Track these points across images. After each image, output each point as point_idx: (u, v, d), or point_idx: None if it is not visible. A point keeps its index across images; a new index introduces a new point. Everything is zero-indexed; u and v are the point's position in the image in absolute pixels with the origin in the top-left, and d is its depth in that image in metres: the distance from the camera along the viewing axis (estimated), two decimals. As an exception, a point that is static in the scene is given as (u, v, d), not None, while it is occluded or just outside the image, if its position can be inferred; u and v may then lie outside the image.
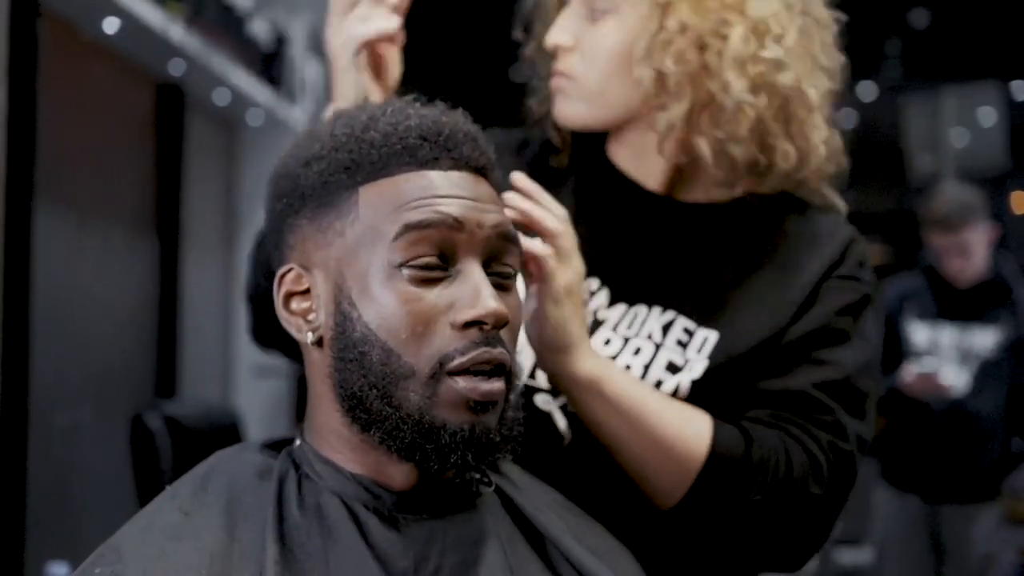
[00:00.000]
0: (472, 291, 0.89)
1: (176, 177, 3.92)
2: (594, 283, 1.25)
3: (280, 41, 4.30)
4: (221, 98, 4.10)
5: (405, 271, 0.89)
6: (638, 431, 1.11)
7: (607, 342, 1.22)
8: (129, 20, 3.09)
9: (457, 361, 0.87)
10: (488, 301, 0.88)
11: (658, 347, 1.21)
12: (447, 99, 1.01)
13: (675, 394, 1.18)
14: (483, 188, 0.94)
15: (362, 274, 0.90)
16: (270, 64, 4.26)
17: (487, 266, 0.92)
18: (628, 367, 1.20)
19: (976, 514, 3.34)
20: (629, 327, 1.23)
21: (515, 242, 0.94)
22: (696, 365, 1.19)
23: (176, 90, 3.85)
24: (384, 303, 0.88)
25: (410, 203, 0.90)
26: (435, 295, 0.89)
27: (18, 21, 2.43)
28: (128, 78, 3.62)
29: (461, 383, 0.87)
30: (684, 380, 1.19)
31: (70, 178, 3.20)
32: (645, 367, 1.20)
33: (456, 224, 0.90)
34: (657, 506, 1.15)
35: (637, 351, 1.21)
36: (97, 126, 3.41)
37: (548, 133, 1.34)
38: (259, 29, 4.15)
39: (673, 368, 1.20)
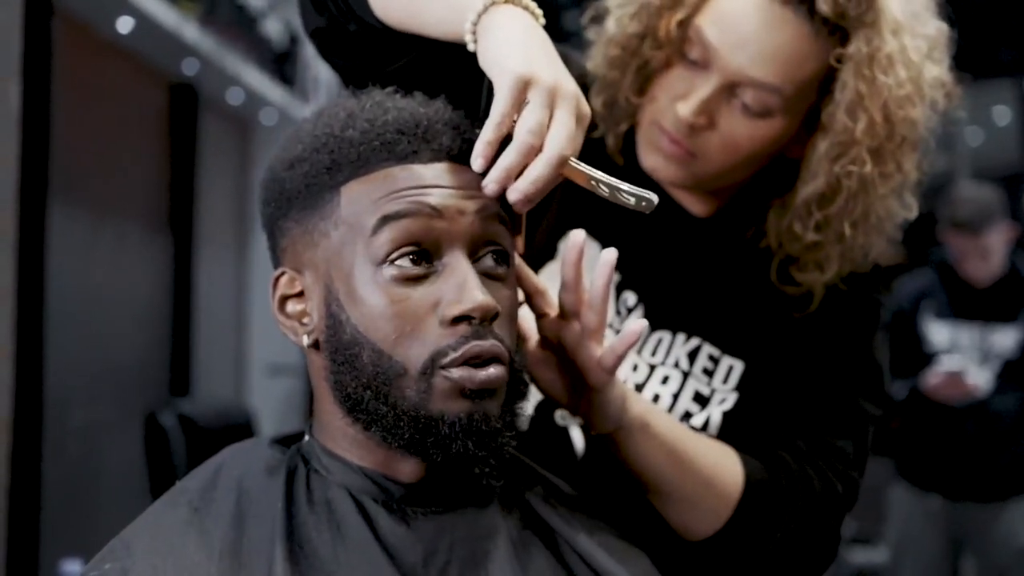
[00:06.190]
0: (458, 285, 0.87)
1: (190, 176, 3.93)
2: (631, 298, 1.23)
3: (294, 40, 4.31)
4: (235, 97, 4.11)
5: (388, 270, 0.88)
6: (683, 468, 1.10)
7: (634, 368, 1.21)
8: (143, 19, 3.11)
9: (450, 357, 0.86)
10: (474, 294, 0.86)
11: (686, 376, 1.21)
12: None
13: (706, 427, 1.19)
14: (467, 176, 0.91)
15: (347, 275, 0.89)
16: (283, 63, 4.27)
17: (475, 255, 0.91)
18: (657, 396, 1.20)
19: (999, 511, 3.33)
20: (653, 354, 1.22)
21: (503, 222, 0.93)
22: (724, 396, 1.20)
23: (190, 89, 3.86)
24: (370, 304, 0.88)
25: (388, 196, 0.89)
26: (421, 293, 0.88)
27: (32, 20, 2.44)
28: (142, 77, 3.64)
29: (456, 373, 0.87)
30: (715, 412, 1.20)
31: (84, 177, 3.21)
32: (674, 396, 1.20)
33: (435, 212, 0.88)
34: (686, 538, 1.15)
35: (665, 379, 1.21)
36: (111, 125, 3.42)
37: (606, 135, 1.25)
38: (272, 28, 4.16)
39: (699, 398, 1.20)
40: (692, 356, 1.22)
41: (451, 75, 1.05)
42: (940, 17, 1.19)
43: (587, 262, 1.02)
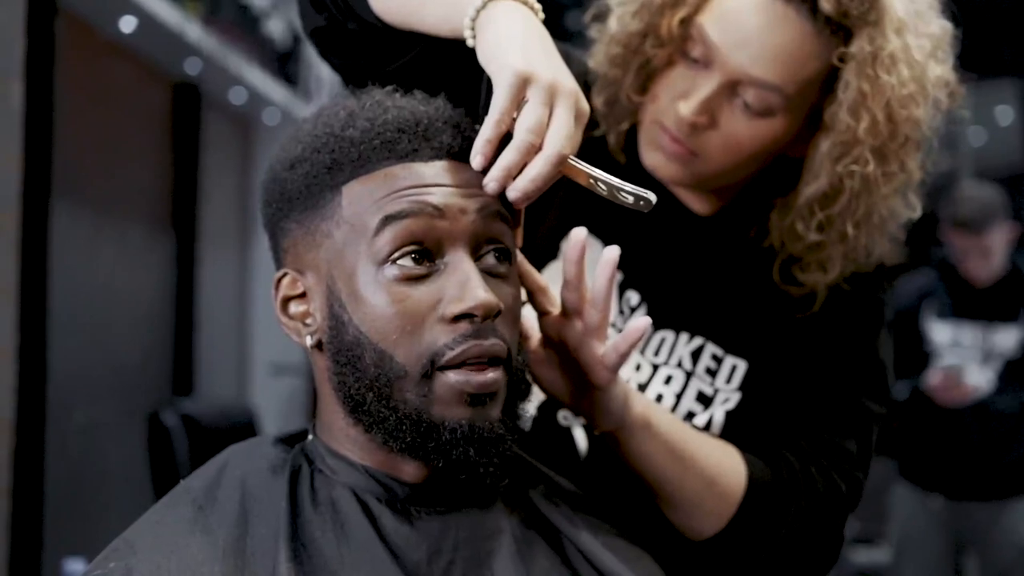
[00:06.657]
0: (460, 283, 0.87)
1: (192, 176, 3.94)
2: (634, 297, 1.23)
3: (296, 40, 4.31)
4: (237, 97, 4.11)
5: (390, 269, 0.87)
6: (685, 467, 1.10)
7: (637, 367, 1.21)
8: (146, 19, 3.11)
9: (447, 356, 0.86)
10: (477, 292, 0.86)
11: (689, 376, 1.21)
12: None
13: (709, 426, 1.19)
14: (468, 174, 0.91)
15: (349, 275, 0.89)
16: (286, 63, 4.28)
17: (477, 253, 0.90)
18: (660, 396, 1.20)
19: (1002, 511, 3.33)
20: (656, 353, 1.22)
21: (505, 220, 0.92)
22: (727, 396, 1.20)
23: (192, 89, 3.86)
24: (372, 304, 0.87)
25: (389, 196, 0.88)
26: (423, 291, 0.87)
27: (35, 20, 2.44)
28: (145, 77, 3.64)
29: (453, 377, 0.86)
30: (718, 412, 1.19)
31: (87, 176, 3.21)
32: (677, 396, 1.20)
33: (437, 212, 0.88)
34: (689, 538, 1.14)
35: (668, 379, 1.20)
36: (114, 125, 3.43)
37: (608, 133, 1.24)
38: (275, 28, 4.16)
39: (703, 398, 1.20)
40: (695, 356, 1.21)
41: (451, 73, 1.05)
42: (944, 16, 1.19)
43: (589, 261, 1.02)
